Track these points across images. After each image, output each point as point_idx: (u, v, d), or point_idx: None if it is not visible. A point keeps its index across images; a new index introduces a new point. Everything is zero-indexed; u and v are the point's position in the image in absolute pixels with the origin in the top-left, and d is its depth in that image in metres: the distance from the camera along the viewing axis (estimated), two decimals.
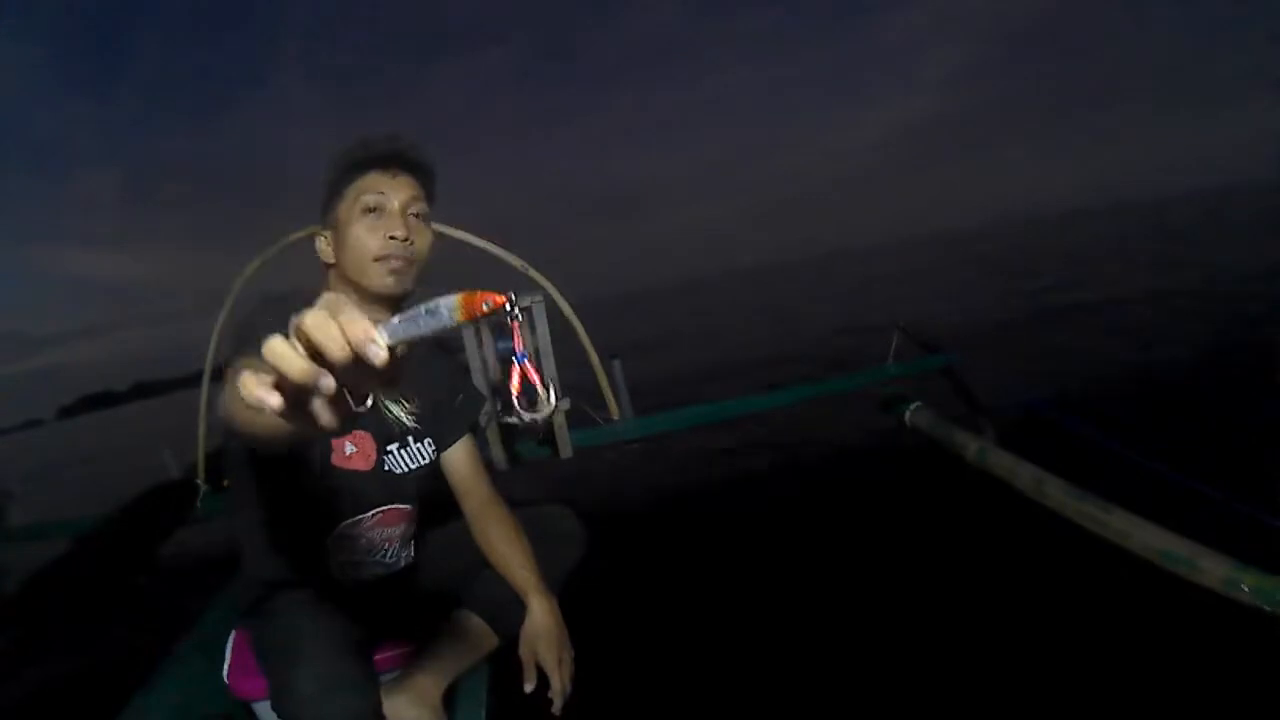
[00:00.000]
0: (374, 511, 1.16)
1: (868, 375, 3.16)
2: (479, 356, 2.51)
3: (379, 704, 1.00)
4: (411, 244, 1.06)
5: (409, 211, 1.07)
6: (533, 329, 2.49)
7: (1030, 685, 1.58)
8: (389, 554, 1.22)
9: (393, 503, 1.18)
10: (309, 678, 0.91)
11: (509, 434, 2.64)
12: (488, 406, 2.53)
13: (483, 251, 2.68)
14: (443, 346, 2.96)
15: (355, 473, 1.12)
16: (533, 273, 2.66)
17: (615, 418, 2.77)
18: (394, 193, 1.05)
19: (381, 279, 1.06)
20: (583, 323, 2.64)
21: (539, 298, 2.50)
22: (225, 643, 1.31)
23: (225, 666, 1.27)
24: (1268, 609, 1.52)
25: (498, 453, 2.53)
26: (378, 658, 1.29)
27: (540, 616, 1.17)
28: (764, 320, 13.47)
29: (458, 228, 2.67)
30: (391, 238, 1.04)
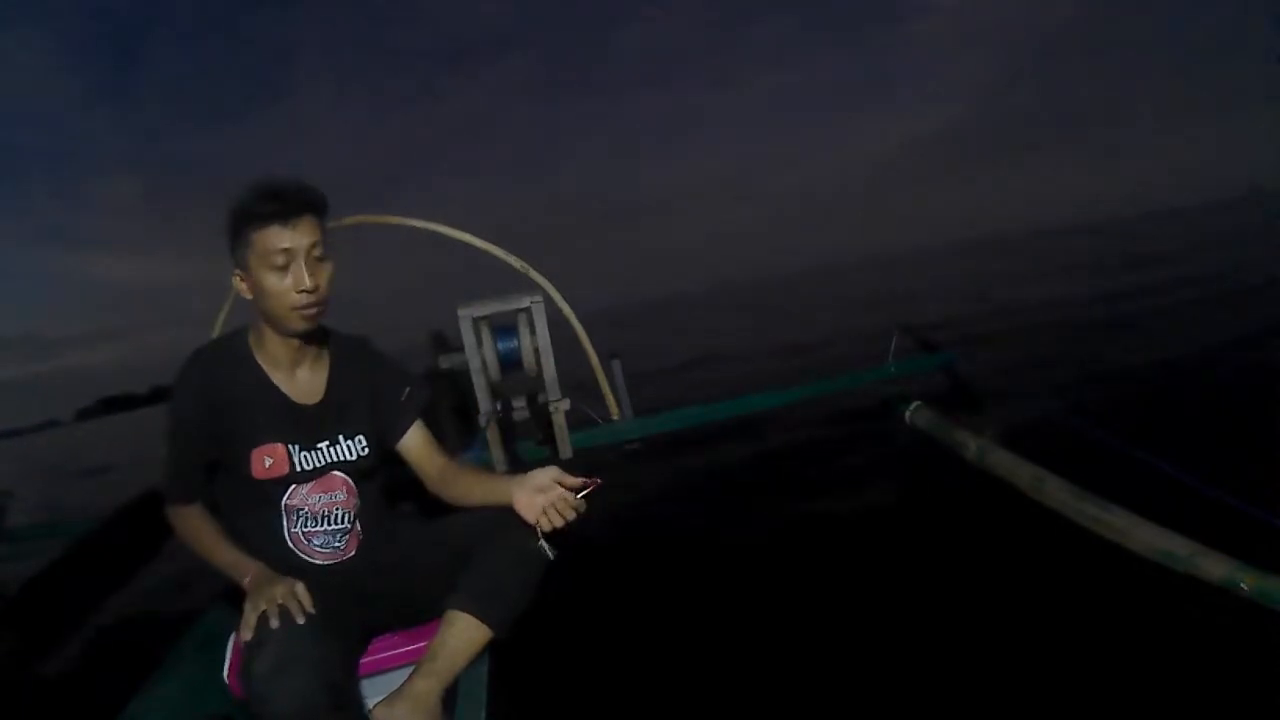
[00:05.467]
0: (312, 491, 1.27)
1: (868, 374, 3.16)
2: (479, 356, 2.51)
3: (339, 683, 1.04)
4: (318, 288, 1.20)
5: (312, 255, 1.19)
6: (532, 329, 2.49)
7: (1030, 683, 1.58)
8: (339, 517, 1.30)
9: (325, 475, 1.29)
10: (264, 658, 0.97)
11: (509, 434, 2.64)
12: (486, 406, 2.53)
13: (483, 252, 2.69)
14: (443, 345, 2.96)
15: (277, 479, 1.24)
16: (533, 273, 2.67)
17: (615, 417, 2.77)
18: (296, 243, 1.17)
19: (297, 323, 1.21)
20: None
21: (539, 298, 2.50)
22: (225, 643, 1.31)
23: (225, 666, 1.27)
24: (1267, 608, 1.52)
25: (497, 453, 2.53)
26: (370, 659, 1.30)
27: (533, 477, 1.25)
28: (778, 329, 13.48)
29: (460, 229, 2.67)
30: (302, 291, 1.17)
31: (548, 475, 1.23)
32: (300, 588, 1.07)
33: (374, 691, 1.33)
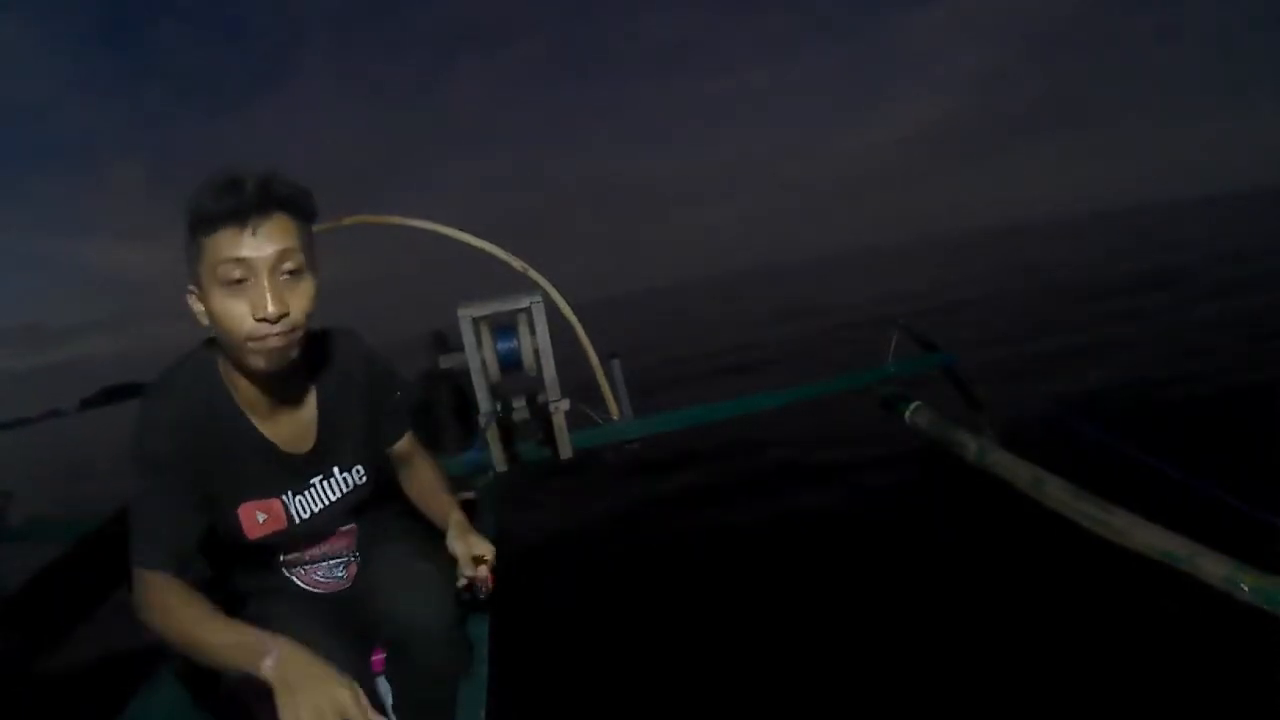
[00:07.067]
0: (311, 547, 1.16)
1: (868, 375, 3.15)
2: (479, 356, 2.51)
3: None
4: (287, 315, 0.89)
5: (281, 271, 0.89)
6: (532, 330, 2.49)
7: (1031, 683, 1.58)
8: (339, 552, 1.21)
9: (328, 532, 1.17)
10: None
11: (509, 434, 2.64)
12: (486, 406, 2.53)
13: (482, 251, 2.69)
14: (443, 344, 2.96)
15: (274, 534, 1.09)
16: (532, 273, 2.67)
17: (615, 418, 2.77)
18: (257, 251, 0.87)
19: (256, 361, 0.91)
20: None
21: (539, 298, 2.50)
22: None
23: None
24: (1267, 609, 1.52)
25: (497, 453, 2.53)
26: (375, 658, 1.30)
27: (457, 520, 1.18)
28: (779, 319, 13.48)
29: (460, 229, 2.68)
30: (261, 319, 0.87)
31: (464, 550, 1.11)
32: (361, 697, 0.83)
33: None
